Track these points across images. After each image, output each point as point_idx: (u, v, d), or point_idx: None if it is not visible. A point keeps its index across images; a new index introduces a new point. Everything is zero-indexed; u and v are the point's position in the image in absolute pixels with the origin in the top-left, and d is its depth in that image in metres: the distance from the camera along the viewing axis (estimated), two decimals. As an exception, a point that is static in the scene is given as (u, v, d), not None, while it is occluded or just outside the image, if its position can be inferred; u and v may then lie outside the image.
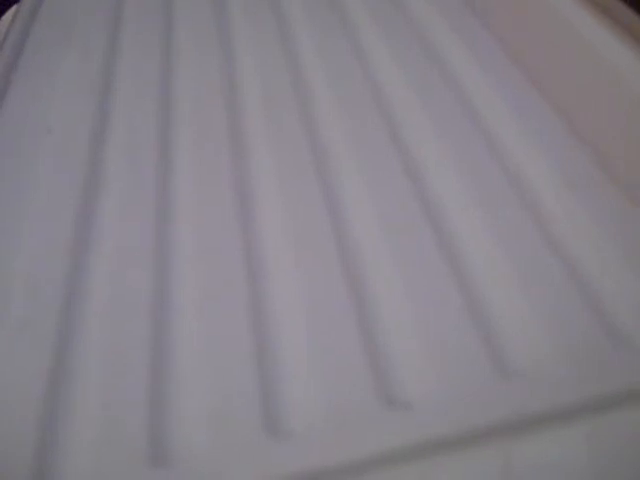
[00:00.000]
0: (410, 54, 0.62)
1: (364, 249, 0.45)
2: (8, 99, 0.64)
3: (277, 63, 0.64)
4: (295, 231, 0.47)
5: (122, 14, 0.75)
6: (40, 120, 0.60)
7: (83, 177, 0.54)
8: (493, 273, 0.42)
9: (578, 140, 0.50)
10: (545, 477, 0.33)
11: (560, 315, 0.39)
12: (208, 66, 0.65)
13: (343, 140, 0.54)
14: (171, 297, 0.43)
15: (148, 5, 0.76)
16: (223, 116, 0.58)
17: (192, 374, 0.39)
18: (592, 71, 0.52)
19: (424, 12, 0.68)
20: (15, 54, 0.70)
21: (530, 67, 0.57)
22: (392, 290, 0.42)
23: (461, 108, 0.55)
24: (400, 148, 0.52)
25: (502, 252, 0.43)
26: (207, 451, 0.35)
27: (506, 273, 0.42)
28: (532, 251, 0.43)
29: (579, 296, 0.40)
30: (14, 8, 0.86)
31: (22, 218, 0.51)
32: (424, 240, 0.45)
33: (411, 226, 0.46)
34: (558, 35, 0.57)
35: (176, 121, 0.58)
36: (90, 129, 0.59)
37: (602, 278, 0.41)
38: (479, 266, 0.43)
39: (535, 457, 0.33)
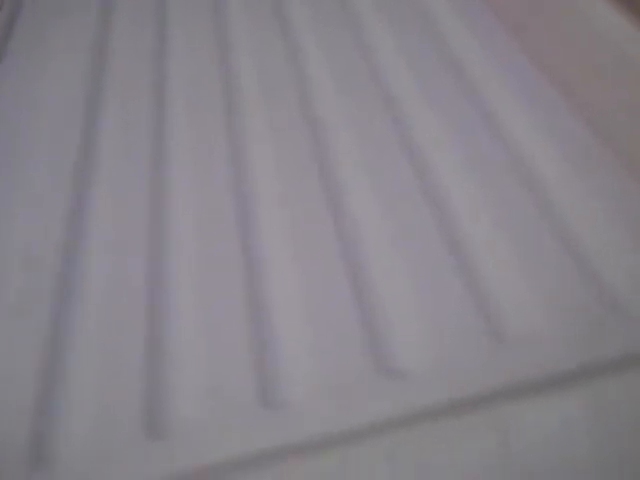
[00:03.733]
0: (414, 42, 0.62)
1: (363, 230, 0.45)
2: (1, 75, 0.64)
3: (277, 52, 0.63)
4: (295, 218, 0.46)
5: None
6: (33, 101, 0.60)
7: (77, 156, 0.53)
8: (492, 248, 0.42)
9: (580, 117, 0.50)
10: (542, 444, 0.33)
11: (558, 287, 0.39)
12: (204, 46, 0.64)
13: (345, 132, 0.53)
14: (168, 274, 0.43)
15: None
16: (220, 112, 0.57)
17: (188, 349, 0.39)
18: (594, 47, 0.52)
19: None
20: (7, 32, 0.70)
21: (531, 44, 0.57)
22: (390, 265, 0.42)
23: (463, 89, 0.55)
24: (404, 139, 0.52)
25: (501, 227, 0.43)
26: (203, 423, 0.35)
27: (505, 247, 0.42)
28: (532, 226, 0.43)
29: (578, 270, 0.40)
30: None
31: (17, 195, 0.51)
32: (424, 220, 0.45)
33: (412, 209, 0.46)
34: (559, 10, 0.57)
35: (171, 115, 0.58)
36: (84, 113, 0.58)
37: (601, 253, 0.41)
38: (478, 241, 0.43)
39: (533, 423, 0.33)
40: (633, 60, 0.49)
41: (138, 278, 0.43)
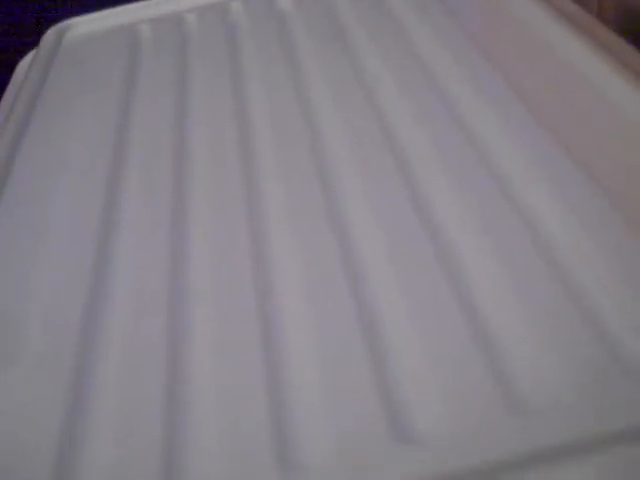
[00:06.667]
0: (419, 91, 0.63)
1: (374, 284, 0.45)
2: (27, 142, 0.66)
3: (288, 101, 0.65)
4: (306, 264, 0.47)
5: (138, 59, 0.77)
6: (57, 162, 0.62)
7: (99, 219, 0.55)
8: (501, 306, 0.42)
9: (586, 176, 0.50)
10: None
11: (568, 347, 0.39)
12: (222, 110, 0.66)
13: (353, 177, 0.54)
14: (185, 338, 0.44)
15: (163, 49, 0.78)
16: (236, 157, 0.59)
17: (206, 411, 0.39)
18: (596, 108, 0.53)
19: (429, 47, 0.69)
20: (33, 99, 0.72)
21: (536, 106, 0.58)
22: (402, 325, 0.42)
23: (469, 146, 0.56)
24: (410, 186, 0.53)
25: (510, 285, 0.44)
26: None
27: (514, 306, 0.42)
28: (540, 285, 0.43)
29: (587, 328, 0.40)
30: (32, 52, 0.88)
31: (40, 258, 0.52)
32: (435, 278, 0.45)
33: (422, 263, 0.46)
34: (562, 73, 0.58)
35: (190, 164, 0.59)
36: (106, 172, 0.60)
37: (610, 311, 0.41)
38: (487, 299, 0.43)
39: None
40: (634, 121, 0.50)
41: (158, 334, 0.44)
